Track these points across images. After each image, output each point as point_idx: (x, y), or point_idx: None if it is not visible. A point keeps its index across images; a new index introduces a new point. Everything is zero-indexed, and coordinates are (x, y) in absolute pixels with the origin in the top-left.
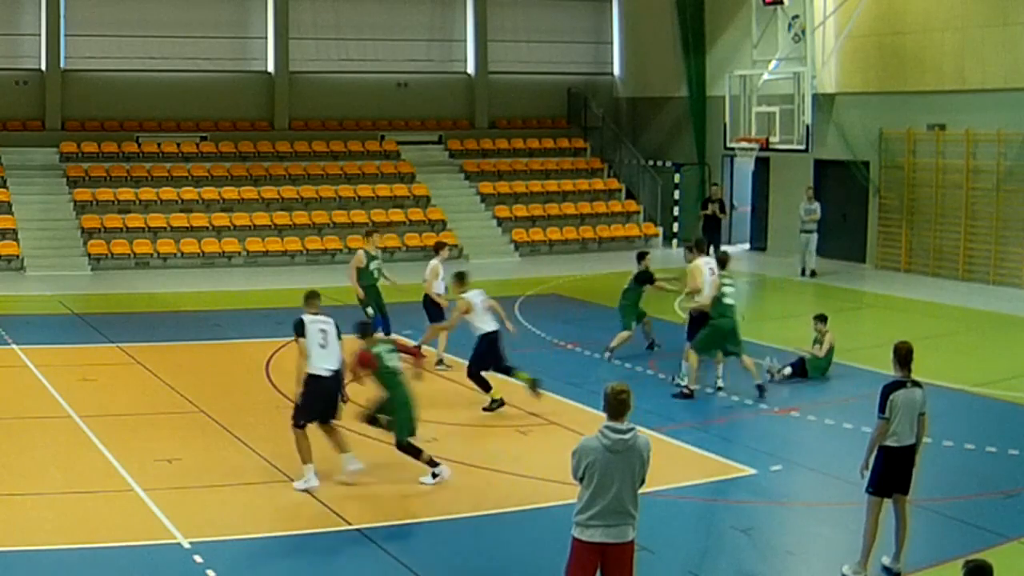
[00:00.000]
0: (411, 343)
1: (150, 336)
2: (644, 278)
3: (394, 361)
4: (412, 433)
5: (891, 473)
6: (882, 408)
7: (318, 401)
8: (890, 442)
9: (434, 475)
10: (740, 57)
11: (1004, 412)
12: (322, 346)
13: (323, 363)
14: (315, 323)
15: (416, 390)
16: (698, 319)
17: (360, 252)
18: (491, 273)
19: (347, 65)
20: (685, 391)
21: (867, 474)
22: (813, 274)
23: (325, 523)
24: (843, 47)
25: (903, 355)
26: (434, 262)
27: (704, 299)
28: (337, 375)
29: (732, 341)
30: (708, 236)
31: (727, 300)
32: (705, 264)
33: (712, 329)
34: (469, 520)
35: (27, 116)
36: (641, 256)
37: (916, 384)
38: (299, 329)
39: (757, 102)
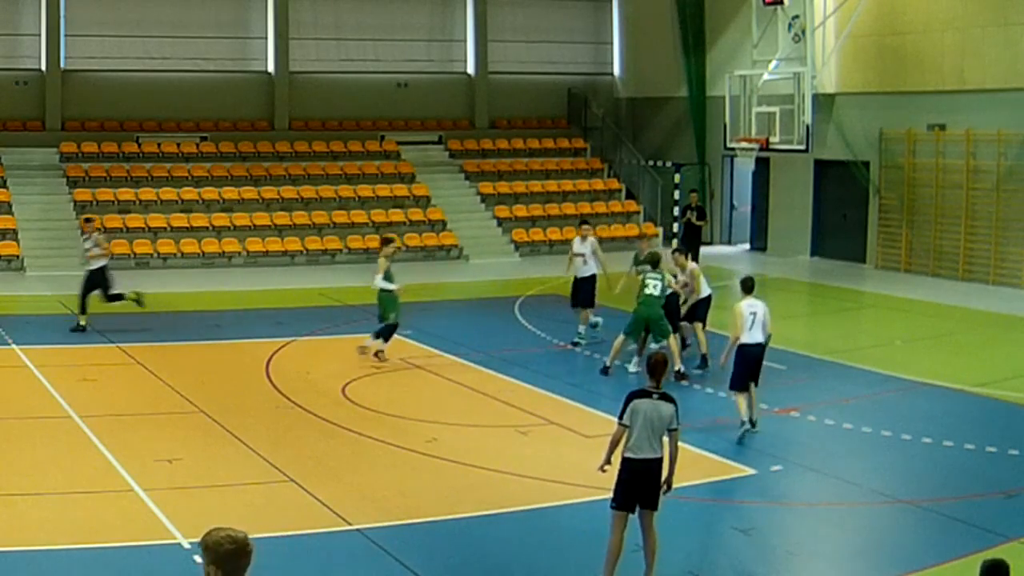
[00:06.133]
0: None
1: (150, 336)
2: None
3: None
4: None
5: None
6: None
7: None
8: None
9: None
10: (740, 57)
11: (1004, 412)
12: None
13: None
14: None
15: (417, 390)
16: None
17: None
18: (491, 273)
19: (347, 65)
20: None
21: None
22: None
23: (325, 523)
24: (843, 47)
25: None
26: None
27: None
28: None
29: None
30: (688, 244)
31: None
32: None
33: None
34: (469, 520)
35: (27, 116)
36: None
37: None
38: None
39: (757, 102)
